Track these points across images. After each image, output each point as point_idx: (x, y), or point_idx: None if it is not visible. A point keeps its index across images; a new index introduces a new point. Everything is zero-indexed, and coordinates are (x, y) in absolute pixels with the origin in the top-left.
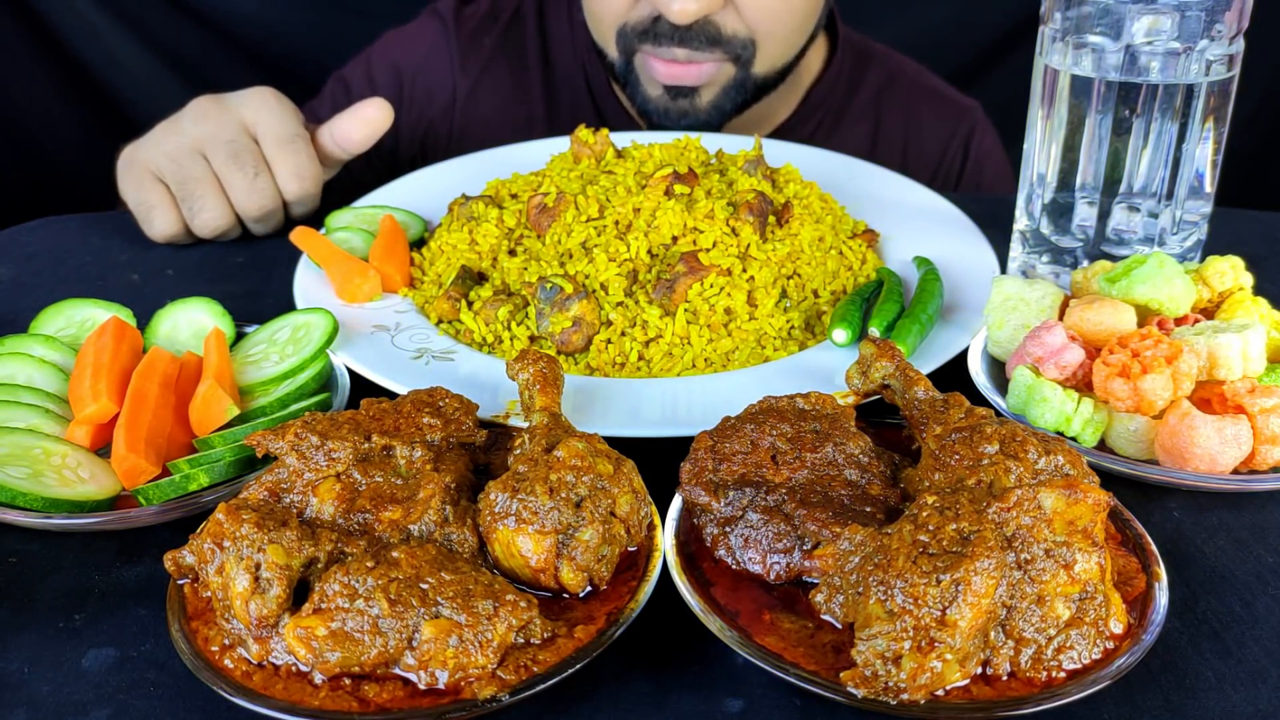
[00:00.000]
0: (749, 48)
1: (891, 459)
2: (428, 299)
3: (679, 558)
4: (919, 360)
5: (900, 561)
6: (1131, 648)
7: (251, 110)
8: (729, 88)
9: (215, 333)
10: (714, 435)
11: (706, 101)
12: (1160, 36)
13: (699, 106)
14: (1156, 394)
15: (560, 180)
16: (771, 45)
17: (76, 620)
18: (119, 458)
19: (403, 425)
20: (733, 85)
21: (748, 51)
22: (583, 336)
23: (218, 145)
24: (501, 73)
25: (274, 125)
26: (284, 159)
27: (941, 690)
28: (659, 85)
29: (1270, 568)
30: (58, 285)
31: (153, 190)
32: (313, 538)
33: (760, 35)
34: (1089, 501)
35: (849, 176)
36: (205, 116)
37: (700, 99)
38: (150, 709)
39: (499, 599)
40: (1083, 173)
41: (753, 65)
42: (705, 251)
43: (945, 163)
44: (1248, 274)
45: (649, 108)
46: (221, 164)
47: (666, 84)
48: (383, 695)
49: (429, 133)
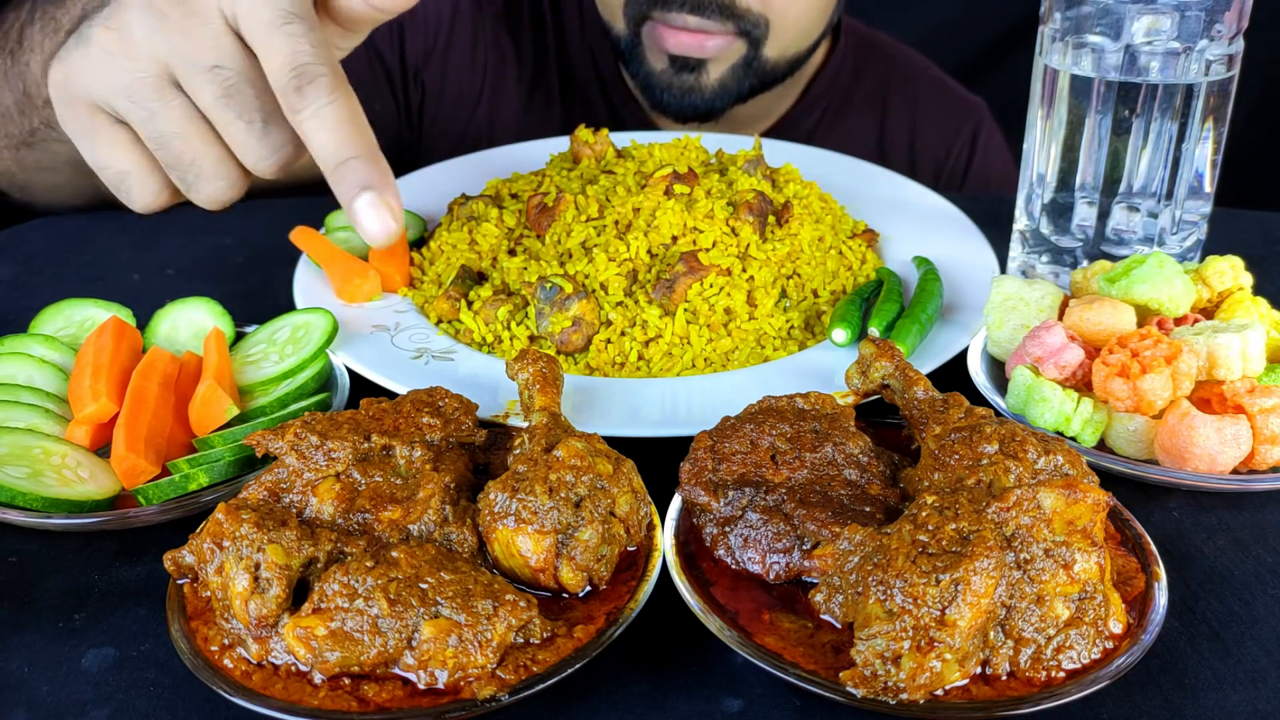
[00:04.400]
0: (761, 26)
1: (891, 459)
2: (428, 299)
3: (678, 557)
4: (919, 360)
5: (900, 561)
6: (1131, 648)
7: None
8: (737, 66)
9: (215, 333)
10: (714, 435)
11: (714, 78)
12: (1160, 36)
13: (704, 84)
14: (1156, 394)
15: (560, 180)
16: (785, 27)
17: (76, 620)
18: (119, 457)
19: (402, 425)
20: (741, 64)
21: (759, 30)
22: (582, 336)
23: (196, 72)
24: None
25: (263, 8)
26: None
27: (941, 690)
28: (664, 58)
29: (1270, 568)
30: (58, 285)
31: (118, 146)
32: (312, 537)
33: (774, 14)
34: (1088, 501)
35: (849, 176)
36: (160, 13)
37: (708, 75)
38: (150, 708)
39: (498, 599)
40: (1082, 173)
41: (763, 46)
42: (705, 251)
43: (952, 159)
44: (1247, 274)
45: (652, 82)
46: (211, 105)
47: (674, 53)
48: (382, 695)
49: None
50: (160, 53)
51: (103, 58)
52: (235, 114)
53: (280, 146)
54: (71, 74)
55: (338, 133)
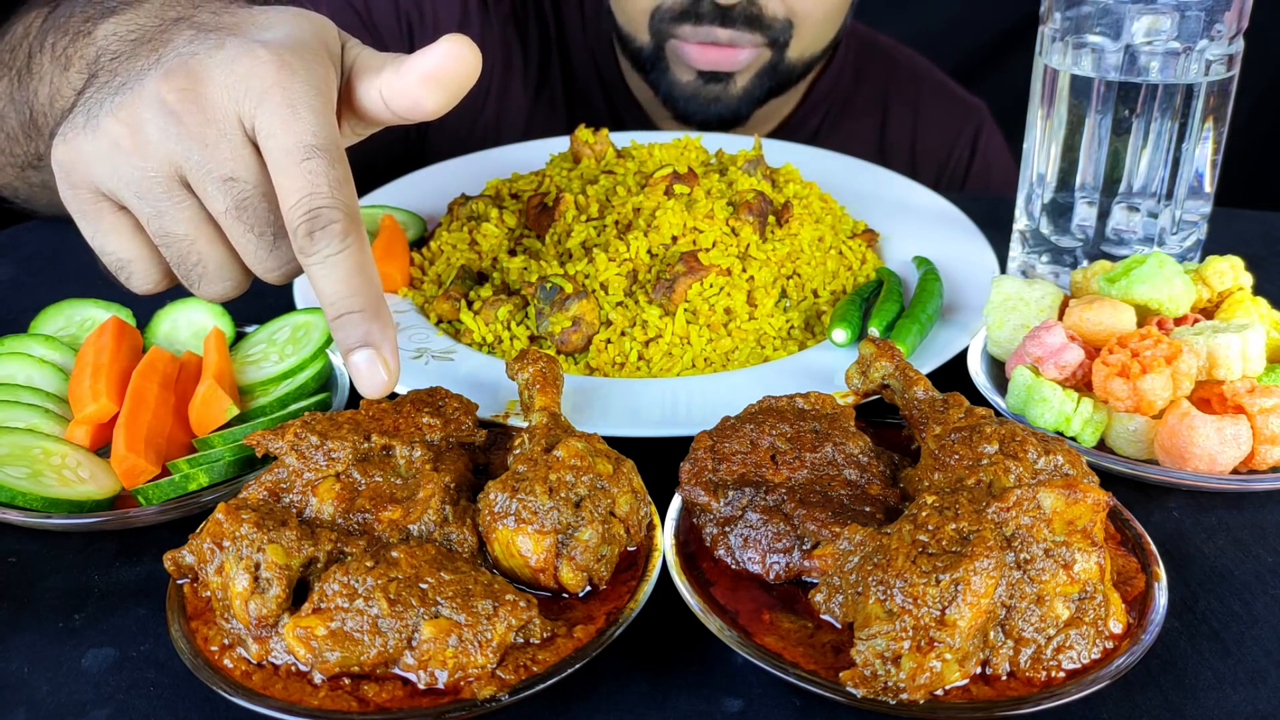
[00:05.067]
0: (787, 30)
1: (891, 459)
2: (428, 299)
3: (678, 557)
4: (918, 360)
5: (900, 561)
6: (1131, 648)
7: (244, 92)
8: (762, 72)
9: (215, 332)
10: (713, 435)
11: (740, 87)
12: (1160, 36)
13: (731, 93)
14: (1156, 394)
15: (560, 180)
16: (808, 28)
17: (76, 620)
18: (119, 457)
19: (402, 425)
20: (766, 69)
21: (785, 34)
22: (582, 336)
23: (209, 181)
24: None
25: (284, 134)
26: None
27: (941, 690)
28: (692, 71)
29: (1270, 568)
30: (58, 285)
31: (120, 233)
32: (312, 537)
33: (799, 17)
34: (1088, 501)
35: (849, 176)
36: (176, 116)
37: (735, 84)
38: (150, 708)
39: (498, 599)
40: (1082, 173)
41: (788, 49)
42: (705, 251)
43: (953, 160)
44: (1247, 274)
45: (675, 93)
46: (222, 215)
47: (701, 69)
48: (382, 695)
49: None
50: (174, 155)
51: (112, 150)
52: (247, 227)
53: (289, 260)
54: (77, 161)
55: (343, 285)
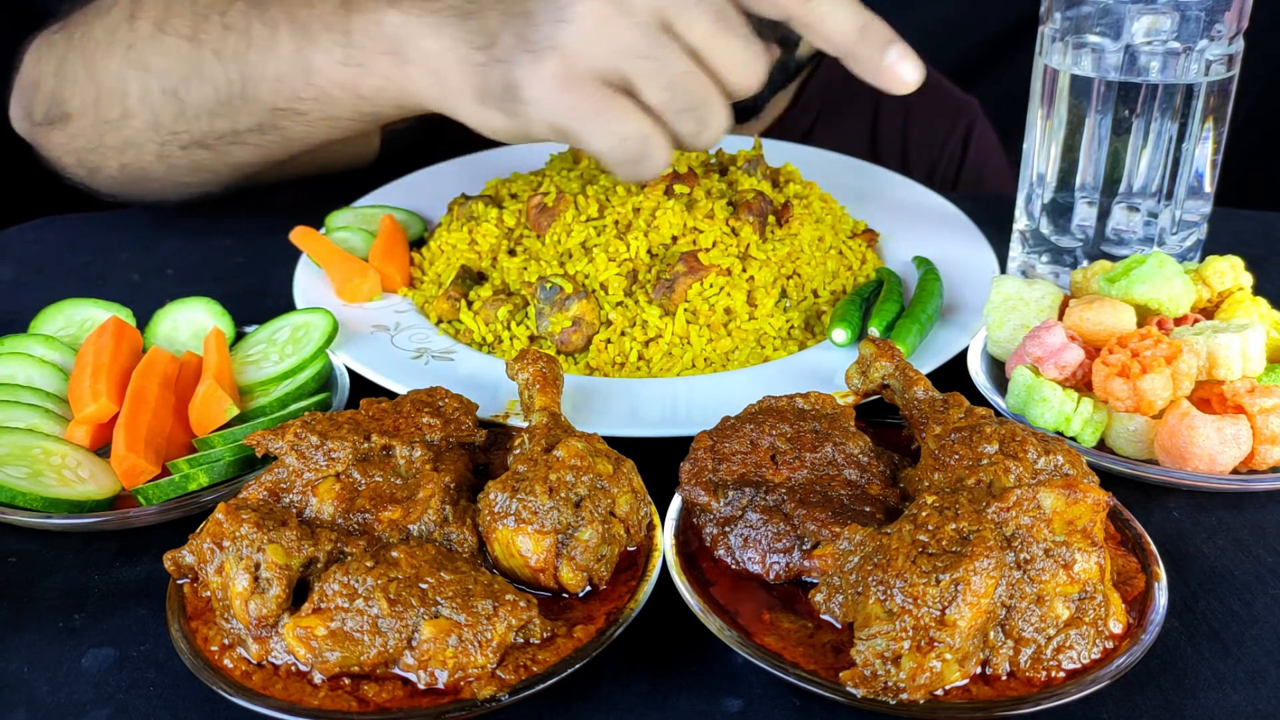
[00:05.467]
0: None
1: (891, 459)
2: (427, 299)
3: (678, 557)
4: (919, 360)
5: (900, 561)
6: (1131, 648)
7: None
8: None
9: (215, 332)
10: (714, 435)
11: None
12: (1160, 36)
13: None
14: (1156, 394)
15: (560, 180)
16: None
17: (76, 620)
18: (119, 457)
19: (402, 425)
20: (776, 68)
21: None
22: (582, 336)
23: (688, 6)
24: None
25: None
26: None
27: (941, 690)
28: None
29: (1270, 568)
30: (58, 285)
31: (632, 112)
32: (312, 537)
33: None
34: (1088, 501)
35: (849, 176)
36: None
37: None
38: (150, 709)
39: (498, 599)
40: (1082, 173)
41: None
42: (705, 251)
43: (945, 157)
44: (1247, 274)
45: None
46: (707, 33)
47: None
48: (382, 695)
49: None
50: (653, 2)
51: (598, 26)
52: (733, 33)
53: (763, 54)
54: (570, 56)
55: (849, 7)
